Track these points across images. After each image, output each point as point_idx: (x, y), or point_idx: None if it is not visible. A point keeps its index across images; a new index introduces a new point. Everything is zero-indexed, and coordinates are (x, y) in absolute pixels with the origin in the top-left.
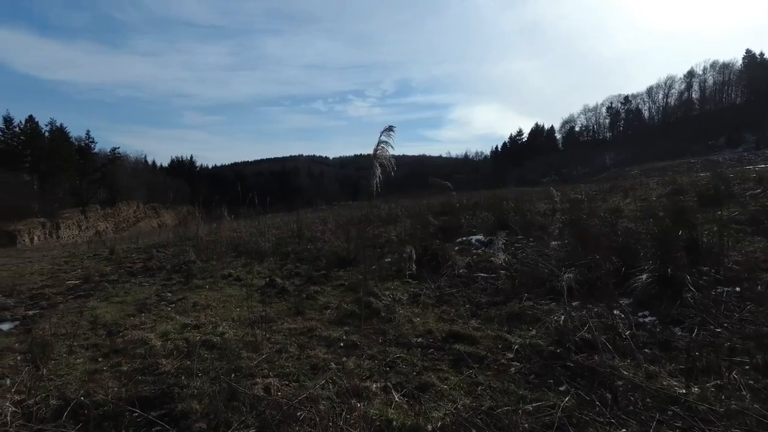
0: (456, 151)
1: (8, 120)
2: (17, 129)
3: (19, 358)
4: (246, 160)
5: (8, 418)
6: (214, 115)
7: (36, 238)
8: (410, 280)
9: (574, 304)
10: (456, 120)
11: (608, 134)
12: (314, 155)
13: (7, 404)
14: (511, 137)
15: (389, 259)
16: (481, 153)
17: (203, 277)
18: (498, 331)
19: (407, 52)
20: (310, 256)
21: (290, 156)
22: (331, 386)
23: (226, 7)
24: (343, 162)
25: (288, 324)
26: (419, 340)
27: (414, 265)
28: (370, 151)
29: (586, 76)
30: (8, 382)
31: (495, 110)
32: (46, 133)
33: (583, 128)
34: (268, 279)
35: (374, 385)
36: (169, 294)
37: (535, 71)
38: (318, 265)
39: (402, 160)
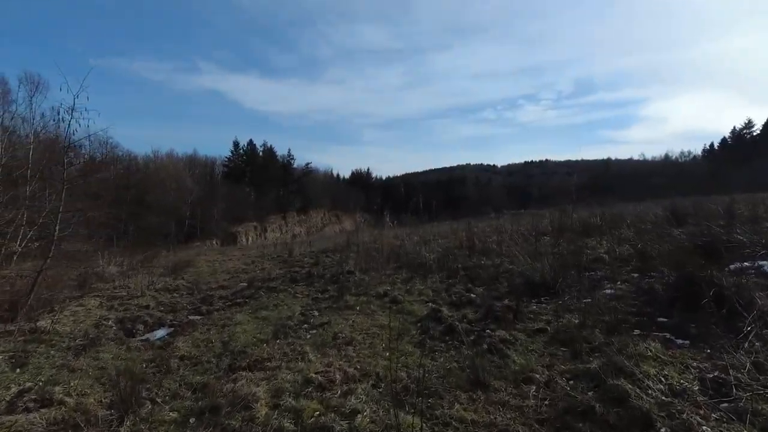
0: (651, 152)
1: (236, 144)
2: (241, 151)
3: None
4: (415, 170)
5: None
6: (388, 131)
7: (250, 238)
8: (671, 337)
9: None
10: (649, 117)
11: None
12: (481, 164)
13: None
14: (734, 132)
15: (611, 290)
16: (688, 153)
17: (357, 293)
18: None
19: (586, 46)
20: (486, 275)
21: (457, 165)
22: None
23: (400, 32)
24: (510, 170)
25: (461, 407)
26: None
27: (672, 309)
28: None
29: None
30: None
31: (705, 102)
32: (260, 153)
33: None
34: (431, 306)
35: None
36: (316, 313)
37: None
38: (498, 290)
39: (580, 166)
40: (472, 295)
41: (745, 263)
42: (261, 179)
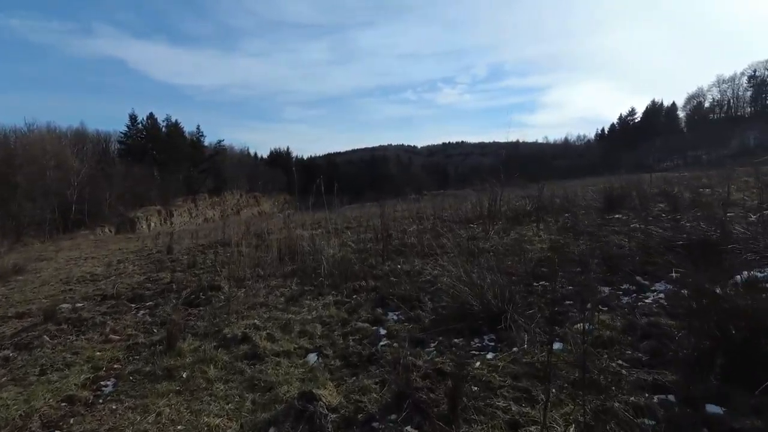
0: (554, 136)
1: (133, 117)
2: (140, 125)
3: None
4: (338, 150)
5: None
6: (313, 108)
7: (152, 224)
8: None
9: None
10: (552, 103)
11: (749, 109)
12: (403, 144)
13: None
14: (620, 118)
15: (587, 325)
16: (584, 137)
17: (204, 332)
18: None
19: (502, 32)
20: (403, 291)
21: (380, 145)
22: None
23: (326, 5)
24: (431, 150)
25: None
26: None
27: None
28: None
29: (717, 44)
30: None
31: (598, 90)
32: (163, 128)
33: (715, 104)
34: (310, 364)
35: None
36: (109, 387)
37: (650, 43)
38: (420, 322)
39: (492, 147)
40: (381, 332)
41: (755, 272)
42: (166, 158)
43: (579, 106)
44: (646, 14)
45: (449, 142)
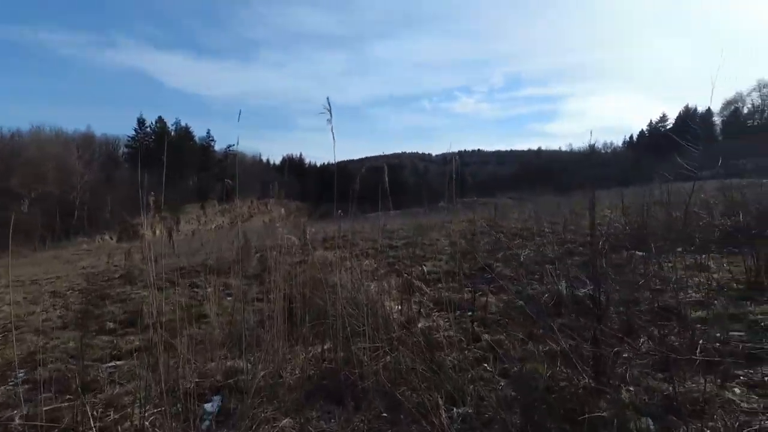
0: (578, 144)
1: (141, 121)
2: (149, 129)
3: None
4: (352, 158)
5: None
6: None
7: (158, 231)
8: None
9: None
10: (572, 112)
11: None
12: (417, 152)
13: None
14: (651, 125)
15: None
16: (611, 144)
17: None
18: None
19: (524, 43)
20: None
21: (393, 153)
22: None
23: (343, 18)
24: (446, 158)
25: None
26: None
27: None
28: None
29: (755, 50)
30: None
31: (623, 98)
32: (173, 133)
33: (755, 109)
34: None
35: None
36: None
37: (681, 50)
38: None
39: (510, 156)
40: None
41: None
42: (175, 163)
43: (600, 115)
44: (675, 21)
45: (465, 150)
